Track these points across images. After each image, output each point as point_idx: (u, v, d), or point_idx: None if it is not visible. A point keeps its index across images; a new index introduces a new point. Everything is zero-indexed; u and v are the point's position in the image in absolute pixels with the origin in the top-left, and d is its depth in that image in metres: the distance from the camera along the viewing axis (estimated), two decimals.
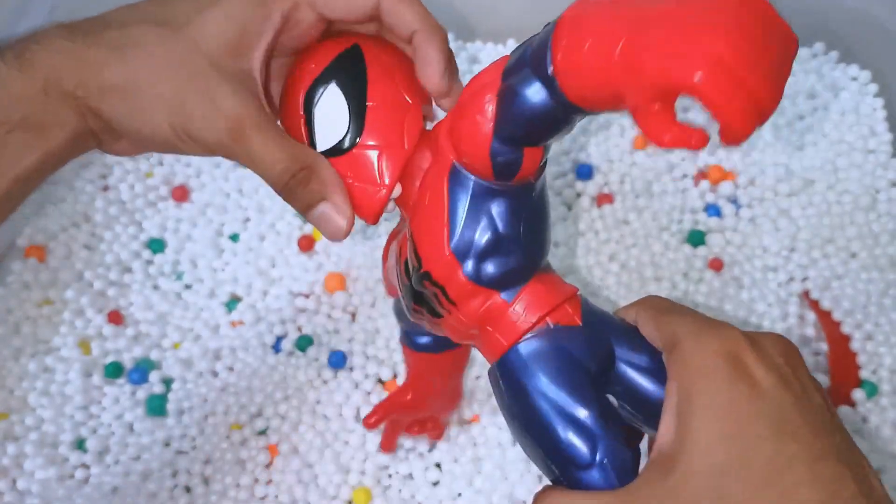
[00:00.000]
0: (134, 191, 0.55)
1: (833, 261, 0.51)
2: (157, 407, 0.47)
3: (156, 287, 0.52)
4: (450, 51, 0.30)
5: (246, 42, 0.29)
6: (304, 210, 0.30)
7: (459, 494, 0.45)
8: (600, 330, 0.28)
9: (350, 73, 0.29)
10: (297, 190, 0.29)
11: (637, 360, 0.28)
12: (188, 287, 0.52)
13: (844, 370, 0.47)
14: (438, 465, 0.46)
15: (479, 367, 0.48)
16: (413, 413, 0.43)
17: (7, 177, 0.28)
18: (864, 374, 0.47)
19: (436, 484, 0.45)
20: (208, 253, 0.52)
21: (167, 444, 0.46)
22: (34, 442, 0.46)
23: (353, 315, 0.51)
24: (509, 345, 0.28)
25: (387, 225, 0.50)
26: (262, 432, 0.47)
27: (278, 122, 0.31)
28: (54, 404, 0.47)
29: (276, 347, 0.50)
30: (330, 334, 0.50)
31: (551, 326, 0.28)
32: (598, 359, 0.28)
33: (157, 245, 0.53)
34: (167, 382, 0.48)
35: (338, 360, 0.48)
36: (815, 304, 0.50)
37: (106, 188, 0.56)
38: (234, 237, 0.53)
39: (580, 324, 0.28)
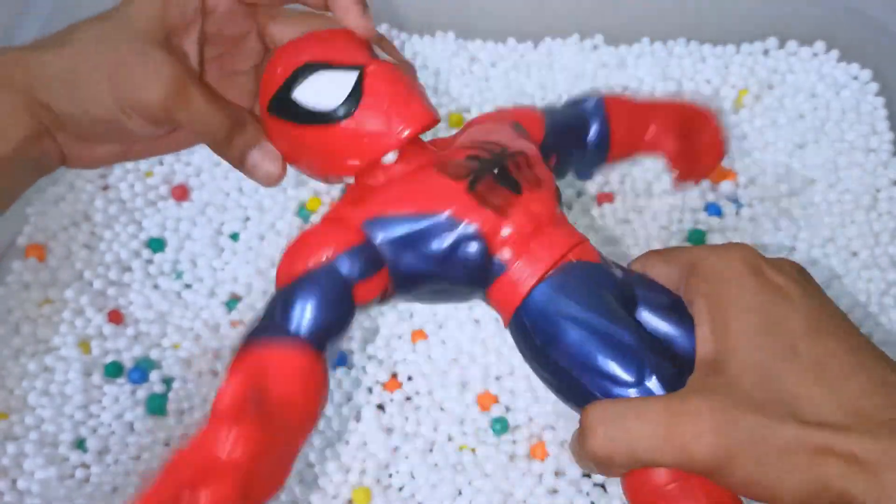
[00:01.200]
0: (134, 190, 0.55)
1: (834, 260, 0.51)
2: (157, 406, 0.47)
3: (156, 286, 0.52)
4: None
5: (173, 22, 0.31)
6: (238, 160, 0.32)
7: (460, 493, 0.45)
8: (618, 269, 0.29)
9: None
10: (231, 142, 0.31)
11: (657, 301, 0.28)
12: (188, 286, 0.52)
13: None
14: (437, 465, 0.45)
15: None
16: None
17: None
18: None
19: (436, 485, 0.45)
20: (208, 252, 0.52)
21: (167, 444, 0.46)
22: (34, 441, 0.46)
23: None
24: (537, 281, 0.28)
25: None
26: None
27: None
28: (54, 404, 0.47)
29: None
30: None
31: (573, 262, 0.28)
32: (622, 294, 0.28)
33: (156, 244, 0.53)
34: (167, 382, 0.48)
35: (338, 360, 0.48)
36: None
37: (106, 187, 0.56)
38: (234, 236, 0.53)
39: (600, 262, 0.29)
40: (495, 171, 0.28)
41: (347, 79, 0.29)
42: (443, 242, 0.28)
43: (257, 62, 0.36)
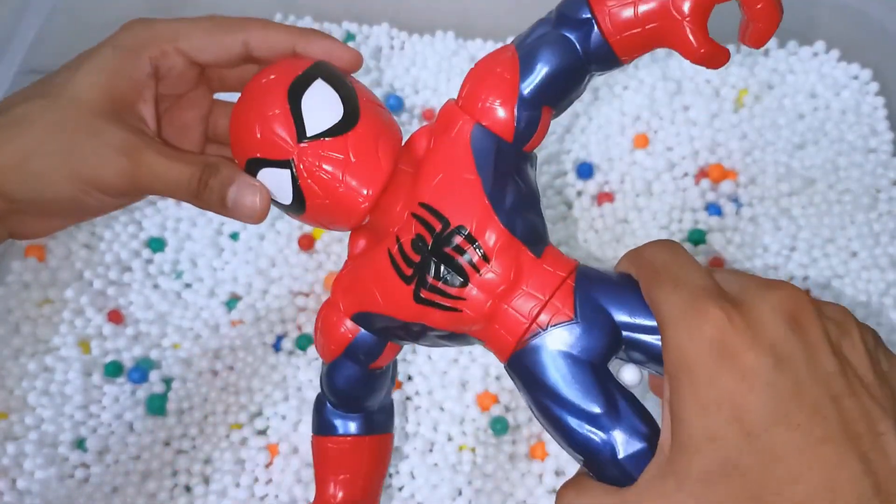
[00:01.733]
0: None
1: (834, 260, 0.51)
2: (157, 406, 0.47)
3: (156, 286, 0.52)
4: (327, 35, 0.32)
5: (121, 90, 0.30)
6: (220, 205, 0.30)
7: (460, 493, 0.45)
8: (596, 311, 0.28)
9: (333, 72, 0.30)
10: (207, 189, 0.30)
11: (643, 322, 0.27)
12: (188, 286, 0.52)
13: None
14: (437, 465, 0.45)
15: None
16: None
17: None
18: None
19: (436, 485, 0.45)
20: (208, 252, 0.52)
21: (167, 444, 0.46)
22: (34, 441, 0.46)
23: None
24: (514, 343, 0.28)
25: None
26: (263, 432, 0.47)
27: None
28: (54, 404, 0.47)
29: (277, 346, 0.50)
30: None
31: (544, 330, 0.28)
32: (598, 348, 0.28)
33: (156, 244, 0.53)
34: (167, 382, 0.48)
35: None
36: None
37: None
38: (234, 236, 0.53)
39: (573, 317, 0.28)
40: (438, 265, 0.28)
41: (284, 177, 0.29)
42: (419, 332, 0.29)
43: (205, 112, 0.35)
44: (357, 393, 0.33)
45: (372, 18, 0.63)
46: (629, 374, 0.28)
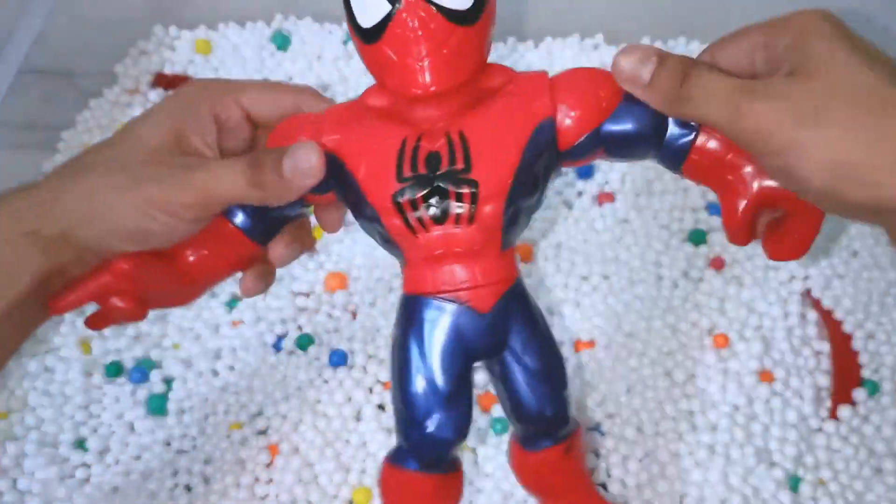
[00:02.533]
0: None
1: (834, 259, 0.51)
2: (157, 406, 0.47)
3: None
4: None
5: (184, 132, 0.32)
6: (279, 179, 0.30)
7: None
8: (503, 323, 0.31)
9: None
10: (263, 168, 0.30)
11: (525, 361, 0.32)
12: None
13: (846, 369, 0.47)
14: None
15: None
16: None
17: None
18: (866, 373, 0.47)
19: None
20: None
21: (167, 444, 0.46)
22: (34, 441, 0.46)
23: (354, 314, 0.51)
24: (429, 291, 0.31)
25: None
26: (263, 432, 0.47)
27: None
28: (54, 404, 0.47)
29: (277, 346, 0.50)
30: (330, 333, 0.50)
31: (461, 305, 0.30)
32: (484, 347, 0.31)
33: None
34: (167, 382, 0.48)
35: (338, 359, 0.48)
36: (816, 303, 0.50)
37: None
38: None
39: (487, 312, 0.31)
40: (433, 191, 0.29)
41: (382, 5, 0.28)
42: (368, 215, 0.31)
43: (245, 147, 0.35)
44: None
45: None
46: None
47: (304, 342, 0.49)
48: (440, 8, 0.28)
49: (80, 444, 0.46)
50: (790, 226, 0.29)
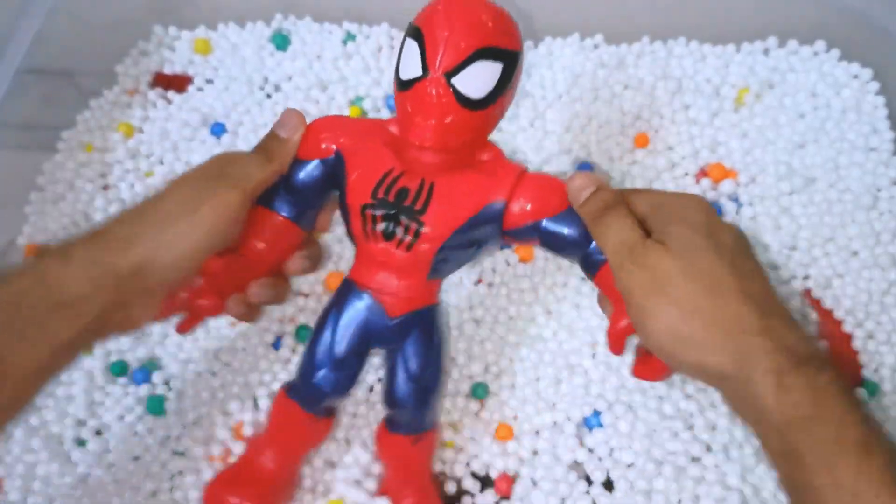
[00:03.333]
0: (134, 190, 0.55)
1: (834, 259, 0.51)
2: (156, 406, 0.47)
3: None
4: None
5: (232, 164, 0.38)
6: (279, 143, 0.38)
7: None
8: (404, 331, 0.38)
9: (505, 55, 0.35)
10: (267, 148, 0.38)
11: (409, 365, 0.39)
12: None
13: (846, 369, 0.47)
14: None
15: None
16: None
17: (45, 351, 0.31)
18: (866, 373, 0.47)
19: None
20: None
21: (167, 444, 0.46)
22: (36, 441, 0.46)
23: None
24: (360, 283, 0.38)
25: None
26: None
27: None
28: (57, 404, 0.47)
29: (276, 346, 0.50)
30: None
31: (377, 303, 0.38)
32: (382, 340, 0.39)
33: None
34: (168, 382, 0.48)
35: None
36: (816, 303, 0.50)
37: (106, 187, 0.56)
38: None
39: (394, 317, 0.38)
40: (393, 216, 0.36)
41: (415, 55, 0.35)
42: (344, 212, 0.38)
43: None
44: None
45: (372, 18, 0.63)
46: None
47: (304, 334, 0.49)
48: (455, 90, 0.34)
49: (82, 444, 0.46)
50: (653, 357, 0.35)
